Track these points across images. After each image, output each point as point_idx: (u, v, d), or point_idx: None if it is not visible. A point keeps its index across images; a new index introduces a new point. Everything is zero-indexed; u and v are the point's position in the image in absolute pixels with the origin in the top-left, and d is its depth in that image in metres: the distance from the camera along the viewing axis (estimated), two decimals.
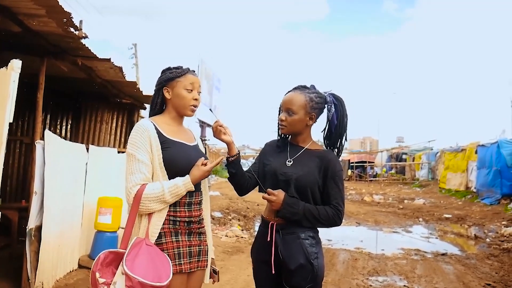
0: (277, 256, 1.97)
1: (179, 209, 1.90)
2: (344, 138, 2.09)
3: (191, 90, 1.99)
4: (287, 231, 1.98)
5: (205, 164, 1.90)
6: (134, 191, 1.81)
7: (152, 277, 1.67)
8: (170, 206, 1.88)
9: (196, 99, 2.01)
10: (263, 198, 1.97)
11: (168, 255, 1.83)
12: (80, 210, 4.69)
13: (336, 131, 2.07)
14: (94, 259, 1.77)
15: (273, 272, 1.97)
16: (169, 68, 2.05)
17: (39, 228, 3.83)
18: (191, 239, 1.94)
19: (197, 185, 1.94)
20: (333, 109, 2.04)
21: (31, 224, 3.78)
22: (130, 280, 1.63)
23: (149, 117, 2.06)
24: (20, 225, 4.61)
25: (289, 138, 2.18)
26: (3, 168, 2.88)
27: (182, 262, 1.87)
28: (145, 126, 1.89)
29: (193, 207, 1.95)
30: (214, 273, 2.12)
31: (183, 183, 1.84)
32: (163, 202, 1.82)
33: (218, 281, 2.13)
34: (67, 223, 4.35)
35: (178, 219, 1.90)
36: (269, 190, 1.96)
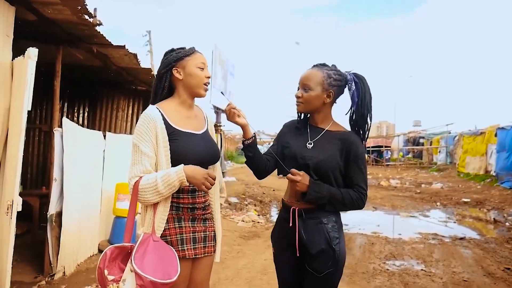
0: (299, 240, 1.94)
1: (182, 196, 1.87)
2: (368, 118, 1.99)
3: (203, 69, 1.94)
4: (310, 215, 1.94)
5: (213, 178, 1.81)
6: (132, 182, 1.78)
7: (162, 274, 1.65)
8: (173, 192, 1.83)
9: (208, 77, 1.97)
10: (288, 178, 1.91)
11: (171, 241, 1.82)
12: (98, 196, 4.77)
13: (358, 110, 1.98)
14: (113, 244, 1.77)
15: (298, 255, 1.95)
16: (173, 50, 1.98)
17: (59, 214, 3.92)
18: (195, 225, 1.91)
19: None
20: (354, 87, 1.97)
21: (52, 210, 3.87)
22: (141, 279, 1.61)
23: (153, 103, 1.96)
24: (41, 211, 4.72)
25: (308, 120, 2.11)
26: (23, 156, 2.94)
27: (186, 248, 1.85)
28: (152, 116, 1.83)
29: (197, 193, 1.91)
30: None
31: (175, 171, 1.76)
32: (157, 192, 1.75)
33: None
34: (87, 209, 4.44)
35: (181, 205, 1.87)
36: (293, 170, 1.88)
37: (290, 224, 1.96)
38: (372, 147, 32.21)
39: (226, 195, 9.09)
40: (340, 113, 2.09)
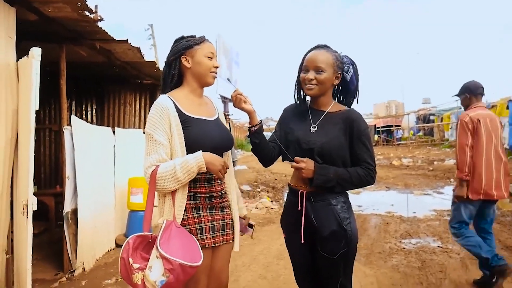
0: (309, 223, 1.95)
1: (199, 185, 1.88)
2: (356, 99, 2.09)
3: (211, 58, 1.94)
4: (318, 198, 1.94)
5: (227, 167, 1.85)
6: (149, 172, 1.79)
7: (190, 258, 1.67)
8: (190, 182, 1.84)
9: (216, 67, 1.97)
10: (292, 167, 1.92)
11: (190, 230, 1.83)
12: (112, 191, 4.82)
13: (354, 93, 2.05)
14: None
15: (303, 241, 1.96)
16: (183, 37, 1.98)
17: (75, 211, 3.96)
18: (213, 213, 1.92)
19: None
20: (351, 70, 1.98)
21: (67, 208, 3.91)
22: (170, 263, 1.61)
23: (163, 93, 1.97)
24: (57, 210, 4.78)
25: (310, 103, 2.10)
26: (35, 156, 2.97)
27: (205, 236, 1.86)
28: (164, 105, 1.83)
29: (213, 182, 1.92)
30: (250, 227, 2.22)
31: (194, 157, 1.76)
32: (175, 179, 1.75)
33: (252, 238, 2.30)
34: (101, 205, 4.48)
35: (199, 194, 1.88)
36: (297, 158, 1.90)
37: (299, 208, 1.96)
38: (382, 127, 31.99)
39: (234, 183, 9.13)
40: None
